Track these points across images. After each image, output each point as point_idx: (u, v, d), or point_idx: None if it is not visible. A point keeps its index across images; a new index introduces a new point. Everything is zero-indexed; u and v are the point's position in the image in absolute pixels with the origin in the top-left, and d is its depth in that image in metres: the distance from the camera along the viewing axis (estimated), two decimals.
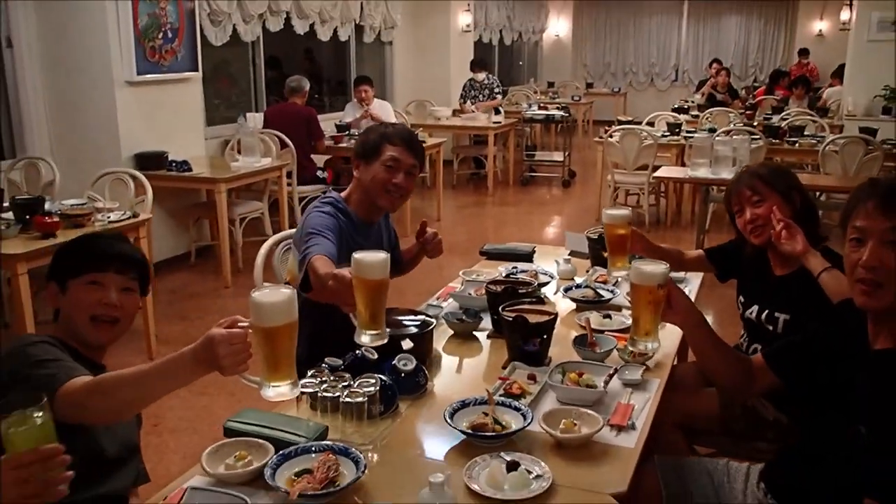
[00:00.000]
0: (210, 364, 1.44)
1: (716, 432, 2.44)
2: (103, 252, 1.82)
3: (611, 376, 2.00)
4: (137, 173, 4.70)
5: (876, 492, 1.50)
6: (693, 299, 2.37)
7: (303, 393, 1.78)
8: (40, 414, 1.23)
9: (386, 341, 1.73)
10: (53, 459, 1.20)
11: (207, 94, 6.33)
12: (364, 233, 2.45)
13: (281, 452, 1.60)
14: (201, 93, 6.24)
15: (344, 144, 7.12)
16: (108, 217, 3.86)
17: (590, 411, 1.81)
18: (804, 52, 12.63)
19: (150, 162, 5.30)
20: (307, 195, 6.77)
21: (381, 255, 1.68)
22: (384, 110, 7.98)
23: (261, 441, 1.65)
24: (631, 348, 1.97)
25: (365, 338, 1.70)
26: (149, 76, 5.48)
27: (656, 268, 1.72)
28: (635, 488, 1.77)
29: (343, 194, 2.51)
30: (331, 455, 1.58)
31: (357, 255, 1.68)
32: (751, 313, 2.46)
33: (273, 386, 1.46)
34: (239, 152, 5.84)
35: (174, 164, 5.39)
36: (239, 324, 1.46)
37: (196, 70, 5.96)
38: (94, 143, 5.35)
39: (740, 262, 2.53)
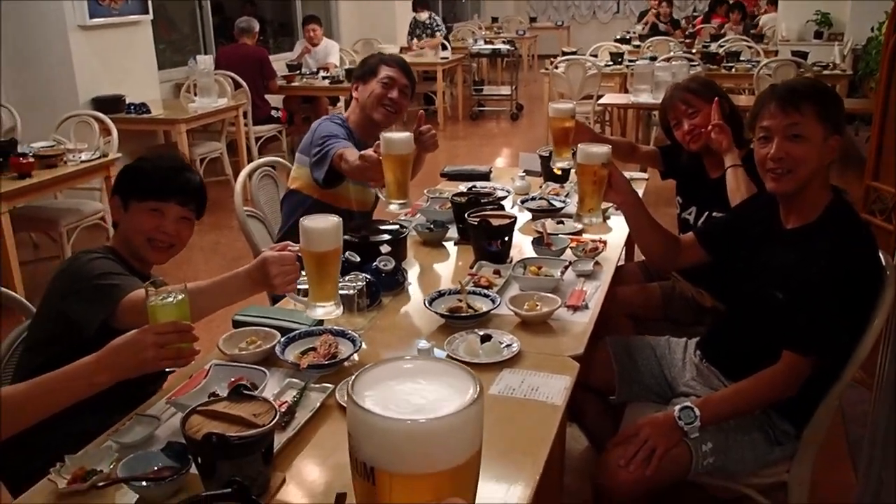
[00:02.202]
0: (263, 283, 1.65)
1: (661, 320, 2.76)
2: (169, 183, 1.91)
3: (566, 268, 2.27)
4: (101, 115, 4.77)
5: (792, 344, 1.81)
6: None
7: (298, 290, 2.01)
8: (181, 296, 1.47)
9: (410, 209, 2.15)
10: (187, 333, 1.45)
11: (153, 39, 6.35)
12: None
13: (287, 336, 1.84)
14: (151, 36, 6.26)
15: (296, 83, 7.22)
16: (80, 157, 3.98)
17: (549, 295, 2.08)
18: None
19: (108, 105, 5.35)
20: (262, 135, 6.89)
21: (406, 133, 2.02)
22: (330, 49, 8.07)
23: (267, 329, 1.88)
24: (577, 223, 2.22)
25: (393, 206, 2.08)
26: (101, 20, 5.52)
27: (600, 149, 1.98)
28: (591, 364, 2.06)
29: (344, 115, 2.78)
30: (330, 336, 1.83)
31: (386, 134, 2.02)
32: (689, 214, 2.75)
33: (320, 305, 1.67)
34: (195, 94, 5.91)
35: (132, 107, 5.48)
36: (289, 248, 1.67)
37: (147, 13, 6.00)
38: (51, 89, 5.39)
39: (678, 166, 2.82)
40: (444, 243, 2.64)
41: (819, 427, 1.90)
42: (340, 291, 1.98)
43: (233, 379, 1.65)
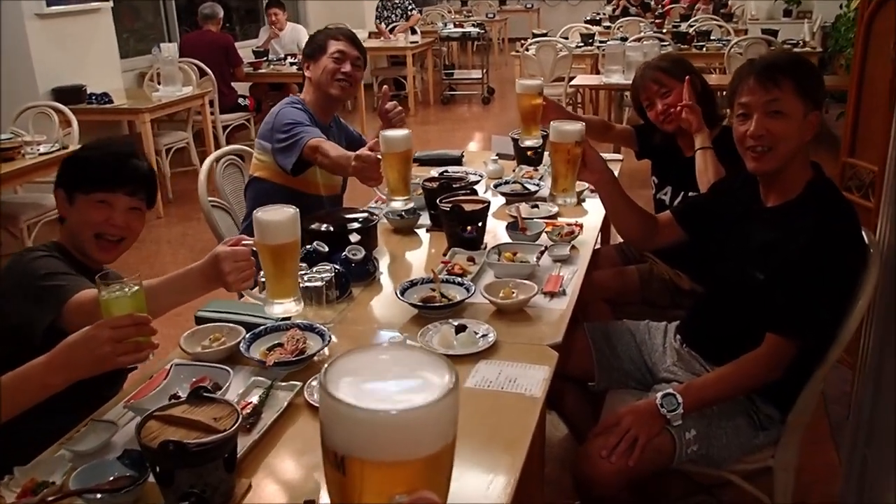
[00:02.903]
0: (216, 280, 1.56)
1: (638, 304, 2.71)
2: (116, 172, 1.80)
3: (542, 253, 2.20)
4: (61, 106, 4.63)
5: (775, 327, 1.76)
6: None
7: (261, 283, 1.91)
8: (135, 287, 1.38)
9: (413, 205, 2.24)
10: (144, 325, 1.35)
11: (116, 28, 6.18)
12: (324, 133, 2.60)
13: (252, 332, 1.75)
14: (112, 23, 6.08)
15: (263, 70, 7.08)
16: (38, 149, 3.85)
17: (525, 281, 2.02)
18: None
19: (68, 95, 5.20)
20: (230, 123, 6.75)
21: (405, 132, 2.08)
22: (297, 34, 7.92)
23: (231, 325, 1.79)
24: (551, 204, 2.17)
25: (396, 203, 2.14)
26: (59, 7, 5.36)
27: (573, 126, 1.91)
28: (569, 351, 2.00)
29: (300, 96, 2.73)
30: (297, 331, 1.75)
31: (385, 133, 2.07)
32: (664, 194, 2.70)
33: (278, 303, 1.59)
34: (159, 83, 5.77)
35: (94, 97, 5.32)
36: (243, 242, 1.57)
37: (107, 0, 5.82)
38: (8, 80, 5.20)
39: (653, 145, 2.77)
40: (416, 230, 2.56)
41: (804, 410, 1.86)
42: (308, 283, 1.91)
43: (195, 379, 1.57)
